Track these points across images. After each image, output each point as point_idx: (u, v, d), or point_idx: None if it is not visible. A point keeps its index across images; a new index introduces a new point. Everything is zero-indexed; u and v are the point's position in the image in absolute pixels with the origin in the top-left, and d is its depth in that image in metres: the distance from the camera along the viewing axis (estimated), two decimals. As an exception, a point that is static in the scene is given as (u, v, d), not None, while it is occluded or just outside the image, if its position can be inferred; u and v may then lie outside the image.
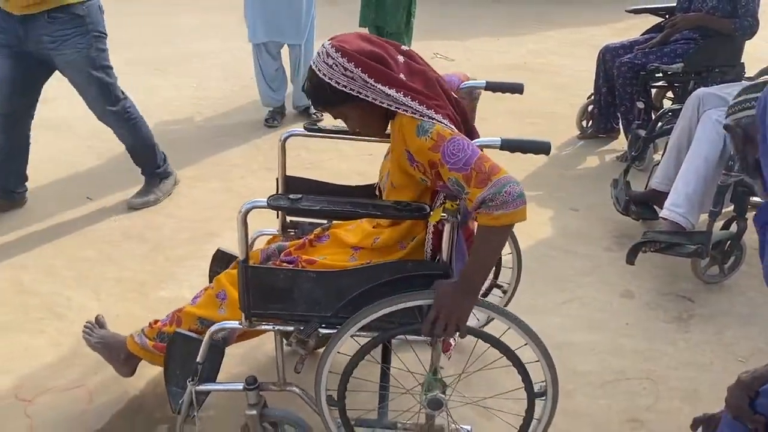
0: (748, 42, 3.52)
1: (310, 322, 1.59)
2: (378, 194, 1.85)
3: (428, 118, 1.47)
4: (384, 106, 1.51)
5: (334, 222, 1.91)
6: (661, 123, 3.15)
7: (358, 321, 1.55)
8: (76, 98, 3.02)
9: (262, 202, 1.49)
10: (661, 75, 3.52)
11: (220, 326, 1.70)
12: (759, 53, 4.27)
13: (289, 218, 2.08)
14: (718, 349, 2.34)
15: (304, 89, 1.61)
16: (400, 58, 1.56)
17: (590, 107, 4.04)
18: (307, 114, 4.29)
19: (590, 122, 4.07)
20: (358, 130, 1.69)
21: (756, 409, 1.25)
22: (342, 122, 1.68)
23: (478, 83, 1.98)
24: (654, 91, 3.88)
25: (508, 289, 2.28)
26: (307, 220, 2.07)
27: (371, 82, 1.48)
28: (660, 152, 3.24)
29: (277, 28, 4.01)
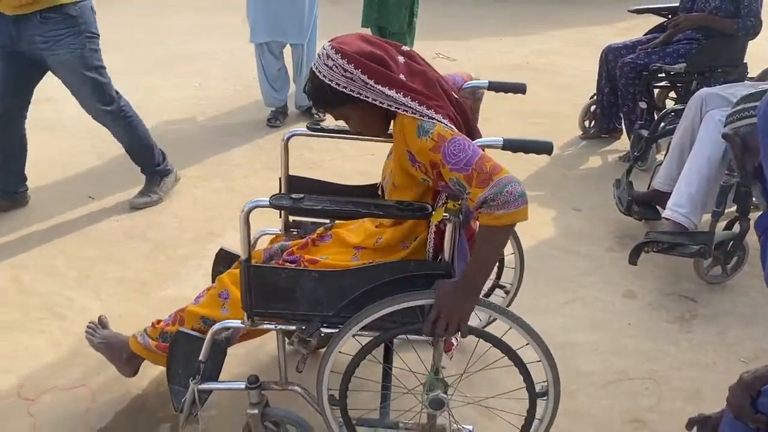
0: (751, 42, 3.51)
1: (312, 322, 1.59)
2: (380, 194, 1.85)
3: (428, 119, 1.47)
4: (384, 107, 1.51)
5: (336, 222, 1.92)
6: (663, 123, 3.15)
7: (360, 320, 1.55)
8: (72, 98, 3.01)
9: (265, 202, 1.50)
10: (663, 75, 3.52)
11: (223, 325, 1.70)
12: (762, 53, 4.26)
13: (291, 218, 2.09)
14: (720, 349, 2.34)
15: (305, 90, 1.61)
16: (400, 59, 1.56)
17: (593, 107, 4.03)
18: (310, 114, 4.29)
19: (593, 122, 4.06)
20: (359, 131, 1.69)
21: (758, 409, 1.25)
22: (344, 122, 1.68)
23: (481, 83, 1.98)
24: (656, 92, 3.87)
25: (511, 290, 2.28)
26: (310, 220, 2.07)
27: (371, 83, 1.48)
28: (662, 152, 3.24)
29: (280, 28, 4.01)
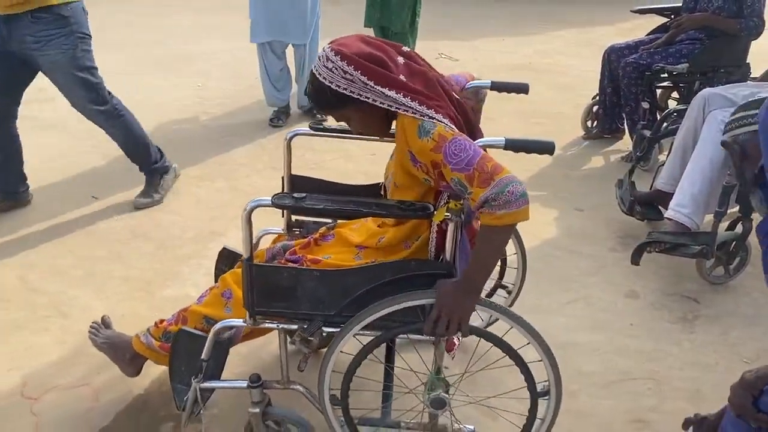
0: (753, 42, 3.51)
1: (314, 321, 1.60)
2: (383, 194, 1.85)
3: (429, 119, 1.48)
4: (384, 108, 1.51)
5: (339, 221, 1.92)
6: (666, 123, 3.14)
7: (361, 320, 1.55)
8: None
9: (267, 201, 1.50)
10: (666, 75, 3.52)
11: (225, 324, 1.71)
12: (765, 53, 4.25)
13: (294, 217, 2.09)
14: (723, 349, 2.34)
15: (306, 93, 1.61)
16: (400, 60, 1.57)
17: (595, 107, 4.03)
18: (312, 114, 4.29)
19: (595, 122, 4.06)
20: (360, 132, 1.70)
21: (760, 408, 1.26)
22: (346, 123, 1.68)
23: (484, 83, 1.98)
24: (659, 92, 3.87)
25: (513, 290, 2.28)
26: (312, 219, 2.07)
27: (371, 84, 1.49)
28: (665, 153, 3.24)
29: (280, 28, 4.01)
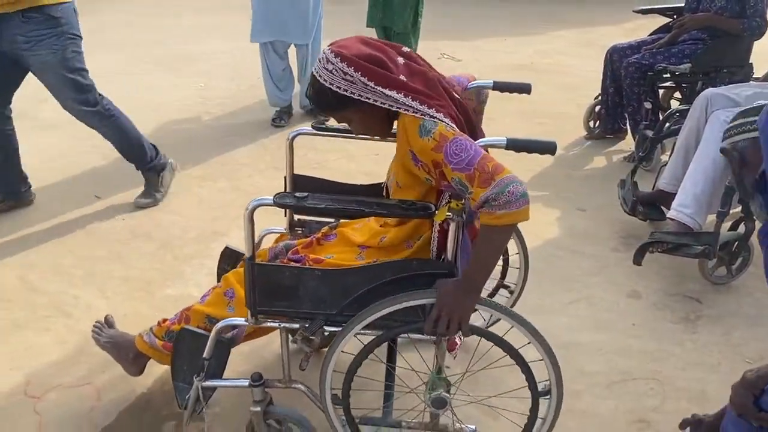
0: (756, 42, 3.50)
1: (316, 320, 1.60)
2: (385, 194, 1.85)
3: (430, 118, 1.48)
4: (386, 108, 1.51)
5: (341, 221, 1.92)
6: (668, 123, 3.14)
7: (363, 319, 1.55)
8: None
9: (269, 200, 1.50)
10: (668, 75, 3.51)
11: (227, 323, 1.71)
12: (767, 54, 4.24)
13: (296, 217, 2.09)
14: (725, 350, 2.33)
15: (308, 95, 1.62)
16: (400, 60, 1.57)
17: (597, 108, 4.03)
18: (314, 114, 4.29)
19: (597, 123, 4.06)
20: (362, 133, 1.70)
21: (761, 407, 1.25)
22: (348, 124, 1.68)
23: (486, 83, 1.97)
24: (661, 92, 3.87)
25: (515, 290, 2.27)
26: (315, 219, 2.07)
27: (371, 84, 1.49)
28: (667, 153, 3.23)
29: (281, 28, 4.01)
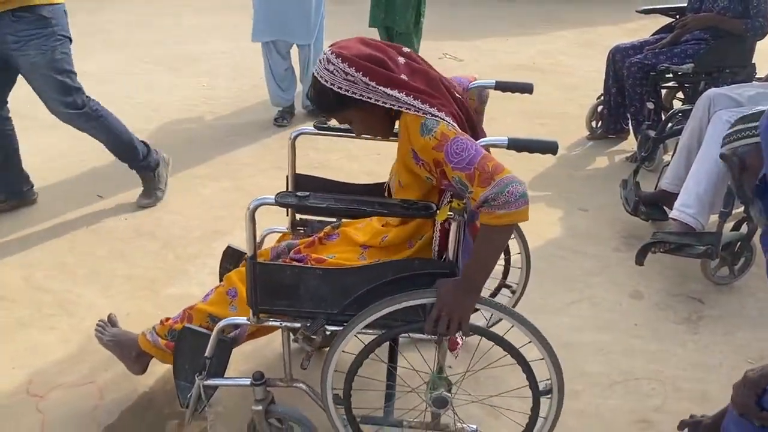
0: (759, 42, 3.50)
1: (317, 319, 1.60)
2: (387, 195, 1.85)
3: (431, 116, 1.48)
4: (387, 107, 1.52)
5: (343, 220, 1.92)
6: (671, 123, 3.13)
7: (363, 319, 1.55)
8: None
9: (270, 199, 1.50)
10: (671, 75, 3.51)
11: (228, 322, 1.71)
12: (771, 54, 4.24)
13: (298, 216, 2.10)
14: (727, 350, 2.33)
15: (309, 96, 1.62)
16: (401, 60, 1.57)
17: (600, 108, 4.02)
18: (316, 114, 4.29)
19: (600, 123, 4.05)
20: (363, 134, 1.70)
21: (763, 407, 1.25)
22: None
23: (487, 83, 1.97)
24: (664, 92, 3.86)
25: (517, 289, 2.28)
26: (317, 218, 2.08)
27: (373, 84, 1.49)
28: (670, 153, 3.23)
29: (282, 27, 4.01)
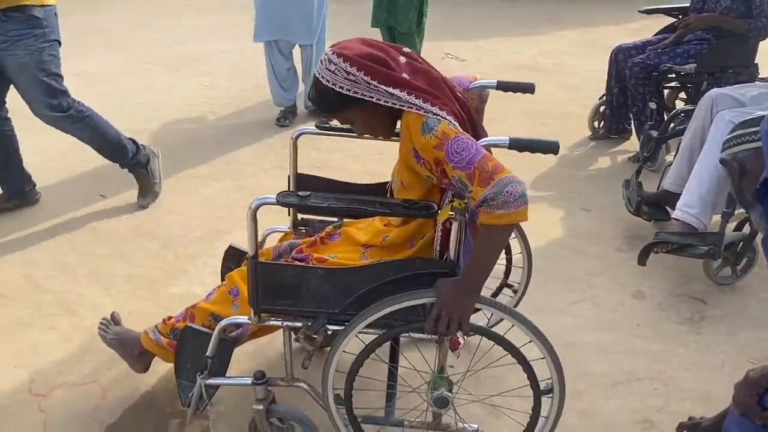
0: (762, 42, 3.49)
1: (318, 318, 1.60)
2: (390, 195, 1.85)
3: (433, 115, 1.48)
4: (389, 106, 1.52)
5: (345, 220, 1.92)
6: (673, 124, 3.13)
7: (364, 318, 1.55)
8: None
9: (272, 199, 1.50)
10: (673, 75, 3.50)
11: (230, 321, 1.71)
12: (774, 54, 4.23)
13: (300, 216, 2.10)
14: (730, 350, 2.33)
15: (310, 97, 1.62)
16: (402, 59, 1.57)
17: (602, 108, 4.02)
18: (318, 113, 4.28)
19: (602, 123, 4.05)
20: (365, 134, 1.70)
21: (765, 406, 1.25)
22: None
23: (489, 82, 1.97)
24: (666, 92, 3.85)
25: (519, 289, 2.27)
26: (318, 218, 2.08)
27: (374, 83, 1.49)
28: (672, 153, 3.23)
29: (283, 27, 4.01)
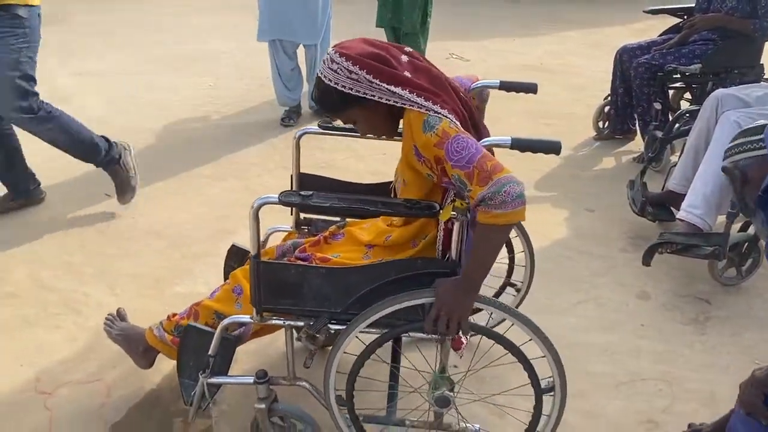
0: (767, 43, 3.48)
1: (320, 318, 1.60)
2: (393, 196, 1.85)
3: (434, 113, 1.48)
4: (391, 104, 1.52)
5: (349, 220, 1.93)
6: (678, 124, 3.12)
7: (366, 318, 1.56)
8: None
9: (274, 198, 1.51)
10: (678, 76, 3.49)
11: (232, 320, 1.72)
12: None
13: (302, 215, 2.10)
14: (735, 351, 2.32)
15: (313, 97, 1.62)
16: (404, 58, 1.58)
17: (607, 108, 4.01)
18: (323, 113, 4.29)
19: (607, 123, 4.04)
20: (368, 133, 1.70)
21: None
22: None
23: (492, 82, 1.97)
24: (671, 92, 3.84)
25: (522, 288, 2.27)
26: (321, 218, 2.08)
27: (376, 82, 1.49)
28: (677, 153, 3.21)
29: (285, 27, 4.01)
